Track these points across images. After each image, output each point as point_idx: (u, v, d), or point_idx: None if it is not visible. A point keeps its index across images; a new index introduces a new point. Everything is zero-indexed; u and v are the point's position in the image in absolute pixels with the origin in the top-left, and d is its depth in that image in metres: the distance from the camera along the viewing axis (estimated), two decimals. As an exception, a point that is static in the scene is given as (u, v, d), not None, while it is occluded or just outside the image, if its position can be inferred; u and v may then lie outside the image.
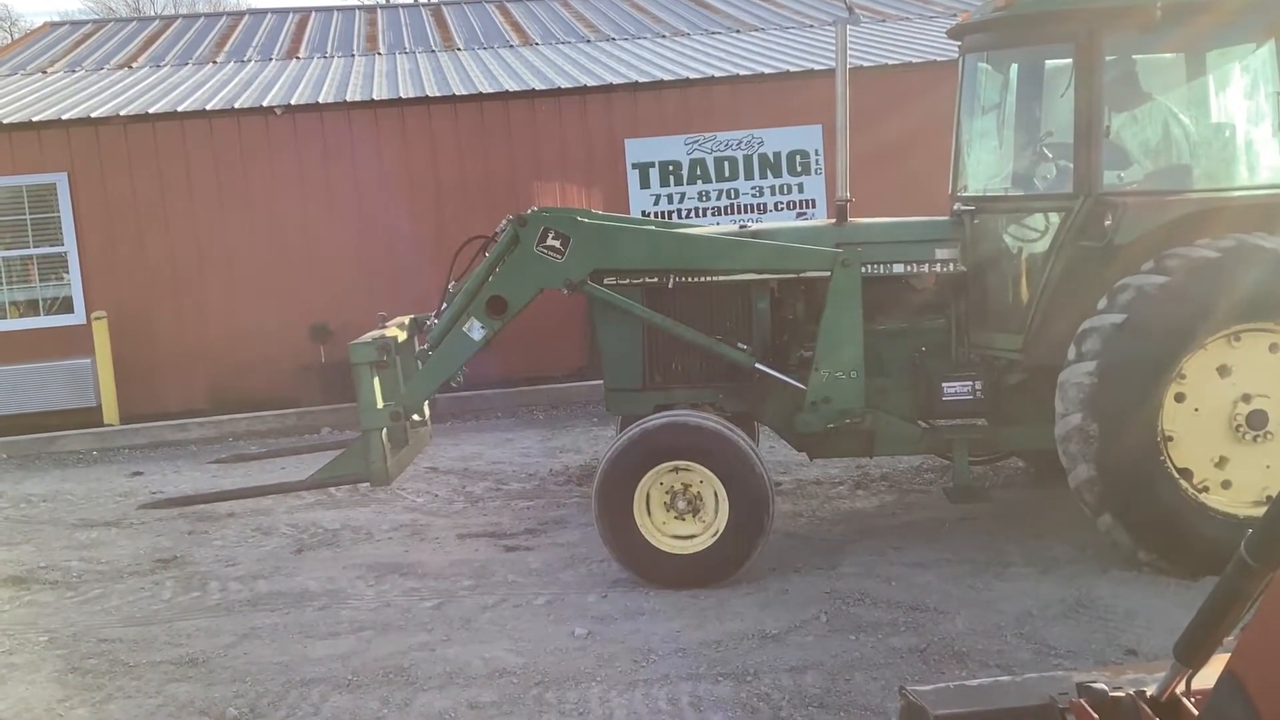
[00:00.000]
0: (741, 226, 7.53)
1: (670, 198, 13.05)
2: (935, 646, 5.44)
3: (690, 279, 6.95)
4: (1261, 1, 6.52)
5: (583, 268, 6.80)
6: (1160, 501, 6.03)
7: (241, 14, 19.93)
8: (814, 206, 13.24)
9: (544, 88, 13.21)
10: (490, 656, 5.63)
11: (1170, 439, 6.09)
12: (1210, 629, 2.24)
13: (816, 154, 13.14)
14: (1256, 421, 6.04)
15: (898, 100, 12.52)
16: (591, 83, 13.39)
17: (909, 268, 7.01)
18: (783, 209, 13.20)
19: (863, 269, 6.83)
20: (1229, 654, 2.18)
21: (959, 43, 7.49)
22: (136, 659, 5.89)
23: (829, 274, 6.80)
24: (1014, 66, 7.34)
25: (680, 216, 12.87)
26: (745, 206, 13.16)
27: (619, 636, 5.79)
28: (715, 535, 6.36)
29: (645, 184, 13.01)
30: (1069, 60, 6.65)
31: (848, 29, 7.02)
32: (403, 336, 7.11)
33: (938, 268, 7.00)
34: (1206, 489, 6.11)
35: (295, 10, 20.25)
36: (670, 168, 13.05)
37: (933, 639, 5.52)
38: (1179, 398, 6.10)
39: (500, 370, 11.50)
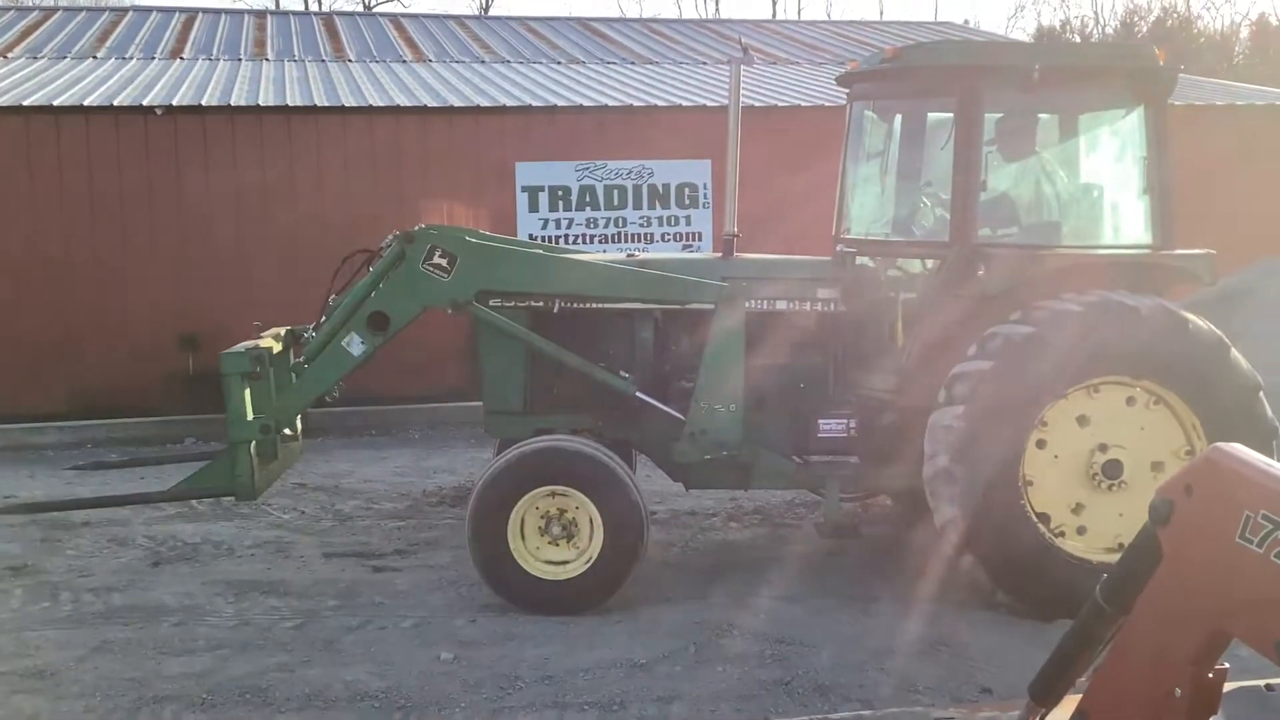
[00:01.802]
0: (629, 255, 7.57)
1: (558, 223, 13.06)
2: (800, 679, 5.50)
3: (576, 305, 6.96)
4: (1133, 69, 6.83)
5: (468, 288, 6.76)
6: (1019, 544, 6.21)
7: (125, 10, 19.38)
8: (700, 240, 13.39)
9: (436, 105, 13.12)
10: (352, 679, 5.52)
11: (1031, 484, 6.28)
12: (1064, 670, 2.31)
13: (705, 188, 13.30)
14: (1112, 471, 6.27)
15: (786, 140, 12.75)
16: (485, 103, 13.35)
17: (791, 305, 7.11)
18: (669, 240, 13.31)
19: (746, 304, 6.92)
20: (1081, 694, 2.26)
21: (847, 90, 7.68)
22: (-23, 671, 5.63)
23: (713, 307, 6.87)
24: (898, 116, 7.54)
25: (567, 242, 12.88)
26: (632, 236, 13.24)
27: (486, 662, 5.73)
28: (589, 562, 6.35)
29: (534, 208, 13.00)
30: (950, 114, 6.87)
31: (741, 69, 7.14)
32: (277, 348, 6.96)
33: (819, 307, 7.12)
34: (1063, 534, 6.32)
35: (182, 10, 19.78)
36: (560, 193, 13.07)
37: (798, 672, 5.59)
38: (1040, 444, 6.30)
39: (377, 387, 11.34)
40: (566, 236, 13.03)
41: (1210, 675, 2.00)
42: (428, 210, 12.46)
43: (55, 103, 12.24)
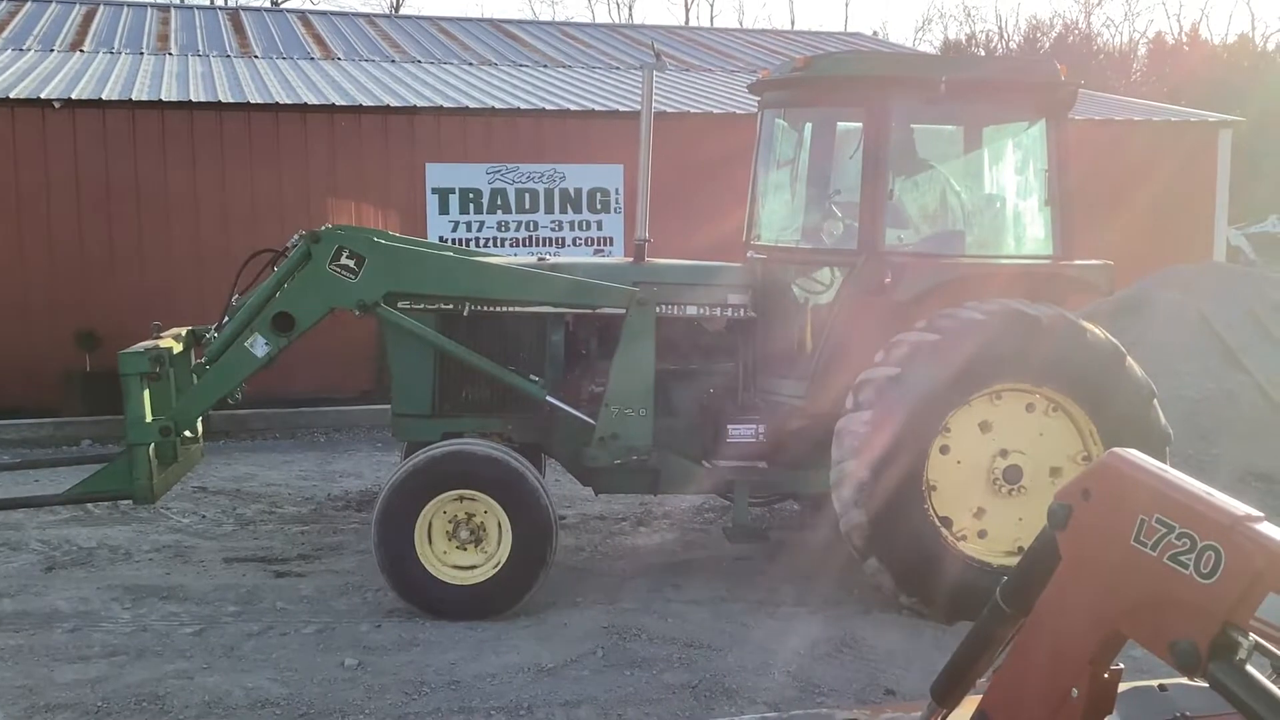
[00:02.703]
0: (540, 259, 7.54)
1: (469, 225, 12.97)
2: (707, 683, 5.53)
3: (486, 308, 6.91)
4: (1035, 84, 6.99)
5: (376, 289, 6.67)
6: (922, 548, 6.31)
7: (23, 1, 18.78)
8: (612, 244, 13.39)
9: (345, 103, 12.95)
10: (253, 686, 5.41)
11: (934, 489, 6.39)
12: (965, 671, 2.34)
13: (617, 193, 13.31)
14: (1012, 476, 6.41)
15: (697, 146, 12.82)
16: (395, 103, 13.20)
17: (702, 310, 7.15)
18: (581, 245, 13.30)
19: (657, 309, 6.94)
20: (981, 695, 2.29)
21: (758, 98, 7.74)
22: None
23: (624, 311, 6.88)
24: (808, 125, 7.63)
25: (478, 245, 12.80)
26: (544, 240, 13.21)
27: (391, 668, 5.66)
28: (497, 566, 6.31)
29: (444, 210, 12.90)
30: (859, 123, 6.96)
31: (653, 75, 7.16)
32: (178, 348, 6.80)
33: (729, 312, 7.17)
34: (965, 538, 6.44)
35: (82, 1, 19.23)
36: (470, 195, 12.98)
37: (705, 675, 5.62)
38: (944, 450, 6.41)
39: (282, 389, 11.14)
40: (477, 239, 12.95)
41: (1106, 675, 2.04)
42: (335, 210, 12.30)
43: (-54, 93, 11.83)
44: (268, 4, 34.43)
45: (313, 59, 16.81)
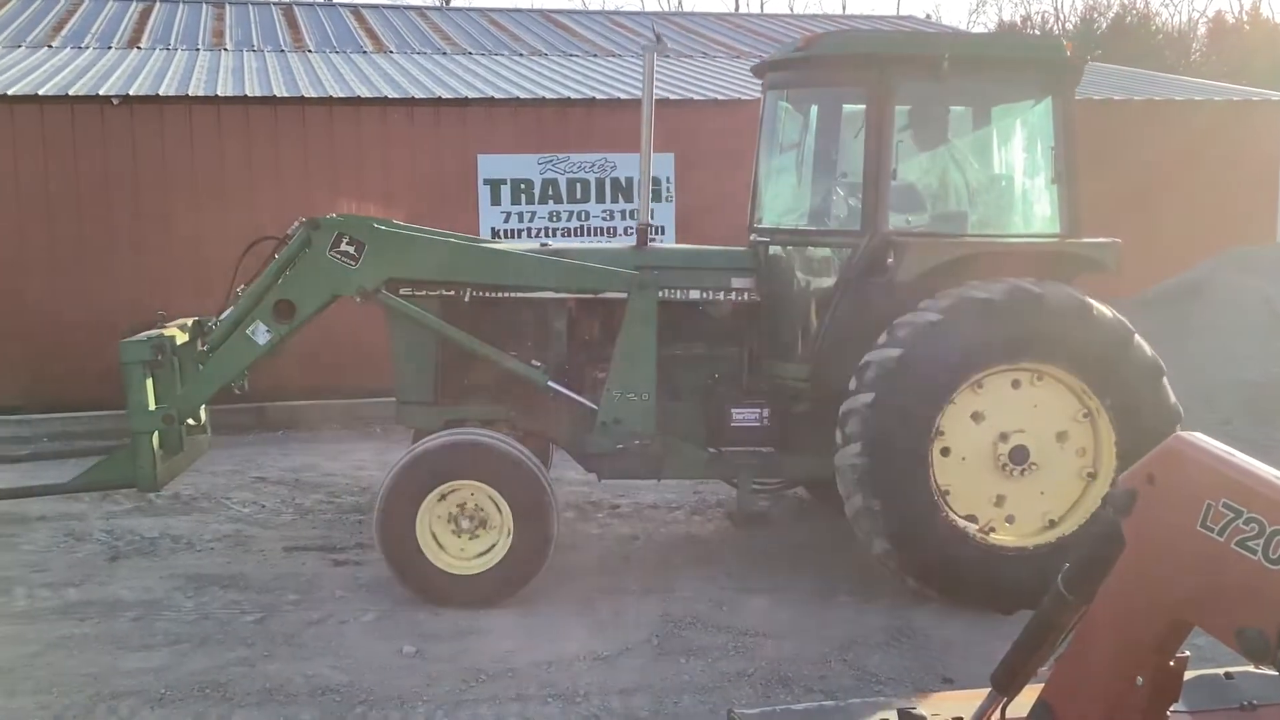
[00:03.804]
0: (542, 245, 7.54)
1: (521, 216, 13.00)
2: (762, 671, 5.52)
3: (488, 294, 6.90)
4: (1040, 60, 6.86)
5: (377, 276, 6.68)
6: (955, 555, 6.18)
7: (81, -2, 19.08)
8: (663, 233, 13.35)
9: (397, 96, 13.02)
10: (313, 673, 5.48)
11: (947, 493, 6.27)
12: (1026, 659, 2.32)
13: (668, 181, 13.27)
14: (1019, 456, 6.28)
15: (749, 132, 12.74)
16: (446, 95, 13.26)
17: (705, 295, 7.09)
18: (633, 234, 13.25)
19: (660, 293, 6.90)
20: (1042, 684, 2.27)
21: (761, 80, 7.67)
22: (-72, 669, 5.53)
23: (626, 296, 6.85)
24: (813, 107, 7.53)
25: (530, 235, 12.83)
26: (595, 229, 13.20)
27: (448, 655, 5.71)
28: (510, 534, 6.29)
29: (496, 201, 12.93)
30: (862, 104, 6.87)
31: (655, 57, 7.15)
32: (182, 337, 6.86)
33: (733, 296, 7.11)
34: (993, 530, 6.32)
35: (139, -1, 19.50)
36: (522, 186, 13.00)
37: (760, 664, 5.61)
38: (945, 452, 6.28)
39: (341, 381, 11.25)
40: (529, 230, 12.97)
41: (1171, 663, 2.01)
42: (387, 203, 12.36)
43: (9, 92, 12.02)
44: (320, -1, 34.70)
45: (365, 52, 16.92)
